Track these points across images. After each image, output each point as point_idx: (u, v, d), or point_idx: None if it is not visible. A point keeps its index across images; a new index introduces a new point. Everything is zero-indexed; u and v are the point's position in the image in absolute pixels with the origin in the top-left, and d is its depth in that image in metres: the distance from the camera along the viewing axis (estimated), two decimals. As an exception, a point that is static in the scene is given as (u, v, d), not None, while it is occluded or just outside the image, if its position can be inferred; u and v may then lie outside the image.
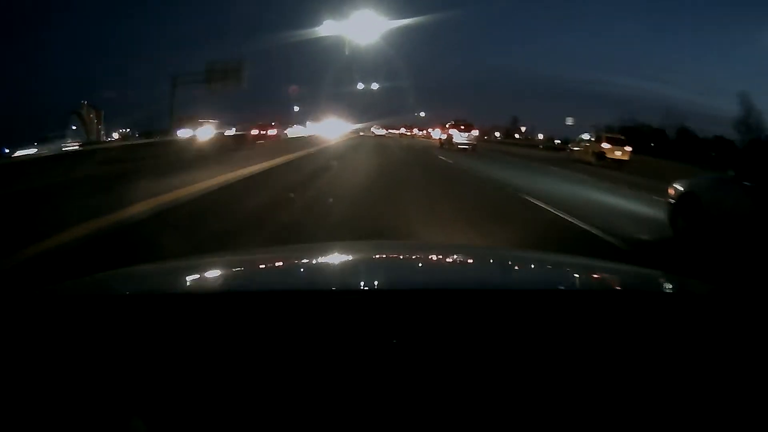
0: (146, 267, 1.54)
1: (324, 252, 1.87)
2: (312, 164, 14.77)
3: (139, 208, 6.41)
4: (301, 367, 0.94)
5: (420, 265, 1.69)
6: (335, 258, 1.73)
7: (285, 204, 7.43)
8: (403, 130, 73.30)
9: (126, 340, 0.99)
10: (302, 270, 1.59)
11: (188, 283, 1.37)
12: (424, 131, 68.19)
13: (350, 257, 1.74)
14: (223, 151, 18.47)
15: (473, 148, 28.41)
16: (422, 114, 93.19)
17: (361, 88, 53.00)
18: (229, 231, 5.40)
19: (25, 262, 3.96)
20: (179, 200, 7.30)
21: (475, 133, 30.61)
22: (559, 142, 53.24)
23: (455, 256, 1.84)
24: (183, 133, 28.98)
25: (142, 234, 5.25)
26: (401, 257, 1.78)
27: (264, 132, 35.35)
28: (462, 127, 29.73)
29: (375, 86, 52.97)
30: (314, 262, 1.68)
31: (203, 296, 1.17)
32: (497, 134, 65.25)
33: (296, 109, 61.05)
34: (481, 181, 12.81)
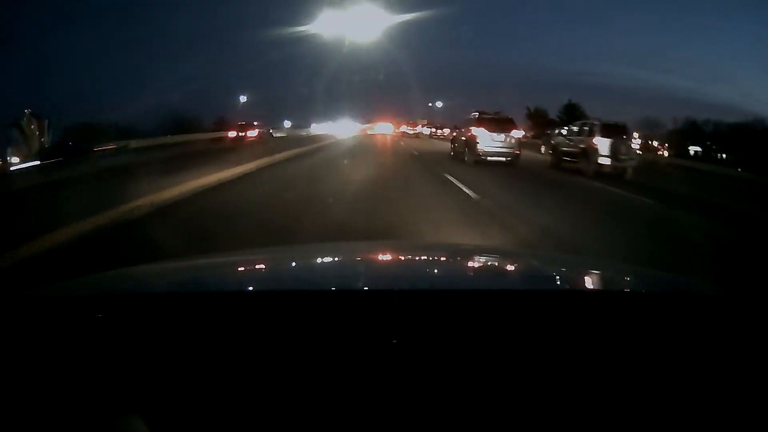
0: (145, 267, 1.52)
1: (325, 252, 1.87)
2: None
3: None
4: (300, 368, 0.94)
5: (420, 265, 1.69)
6: (336, 258, 1.73)
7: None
8: (405, 128, 49.60)
9: (125, 341, 0.99)
10: (302, 270, 1.59)
11: (187, 283, 1.37)
12: (441, 129, 46.20)
13: (352, 257, 1.74)
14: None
15: (513, 161, 16.25)
16: (438, 104, 64.66)
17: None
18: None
19: None
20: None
21: (518, 133, 17.00)
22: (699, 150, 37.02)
23: (456, 256, 1.83)
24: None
25: None
26: (401, 257, 1.78)
27: (243, 133, 32.87)
28: (494, 125, 16.44)
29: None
30: (314, 262, 1.68)
31: (202, 296, 1.16)
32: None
33: (242, 99, 48.97)
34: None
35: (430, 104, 66.96)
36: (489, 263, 1.76)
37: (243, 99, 50.08)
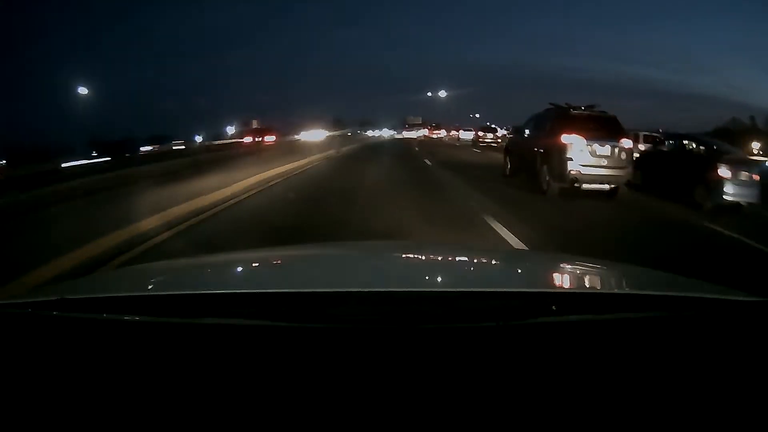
0: (145, 267, 1.53)
1: (326, 252, 1.87)
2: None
3: None
4: (300, 369, 0.93)
5: (422, 266, 1.69)
6: (337, 258, 1.74)
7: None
8: (425, 132, 42.22)
9: (126, 341, 0.99)
10: (302, 271, 1.59)
11: (187, 284, 1.37)
12: (492, 133, 34.32)
13: (352, 258, 1.75)
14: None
15: (617, 190, 9.48)
16: (442, 93, 53.15)
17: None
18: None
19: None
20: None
21: (628, 143, 9.44)
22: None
23: (456, 257, 1.83)
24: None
25: None
26: (402, 257, 1.78)
27: (260, 138, 32.05)
28: (595, 129, 9.31)
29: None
30: (315, 262, 1.68)
31: (201, 297, 1.16)
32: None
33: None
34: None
35: (428, 93, 55.42)
36: (493, 263, 1.75)
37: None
